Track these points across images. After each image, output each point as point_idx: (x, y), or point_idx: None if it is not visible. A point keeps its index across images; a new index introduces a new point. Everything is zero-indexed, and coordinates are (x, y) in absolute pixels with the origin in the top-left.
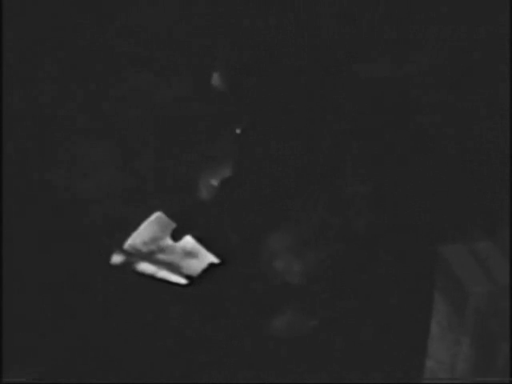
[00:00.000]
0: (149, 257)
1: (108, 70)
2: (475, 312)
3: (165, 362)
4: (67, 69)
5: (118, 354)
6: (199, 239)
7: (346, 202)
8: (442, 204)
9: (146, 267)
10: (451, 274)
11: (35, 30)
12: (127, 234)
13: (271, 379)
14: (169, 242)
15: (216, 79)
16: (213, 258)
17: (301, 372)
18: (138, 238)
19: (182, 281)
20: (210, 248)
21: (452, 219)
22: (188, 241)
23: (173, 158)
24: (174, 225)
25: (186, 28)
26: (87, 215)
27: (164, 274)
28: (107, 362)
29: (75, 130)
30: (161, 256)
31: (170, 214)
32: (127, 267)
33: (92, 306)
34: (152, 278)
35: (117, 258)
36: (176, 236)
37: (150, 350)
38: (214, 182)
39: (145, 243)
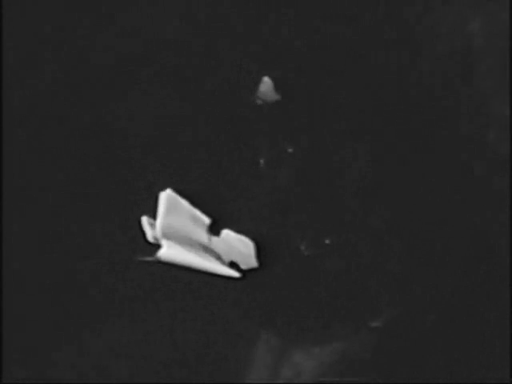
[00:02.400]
0: (192, 246)
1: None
2: None
3: (164, 364)
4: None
5: (118, 354)
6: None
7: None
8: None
9: (192, 258)
10: None
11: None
12: None
13: None
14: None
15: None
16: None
17: None
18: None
19: (235, 274)
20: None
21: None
22: (227, 233)
23: None
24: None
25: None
26: None
27: (214, 265)
28: (107, 362)
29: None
30: (202, 244)
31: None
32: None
33: (92, 305)
34: (197, 271)
35: (165, 250)
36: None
37: (149, 351)
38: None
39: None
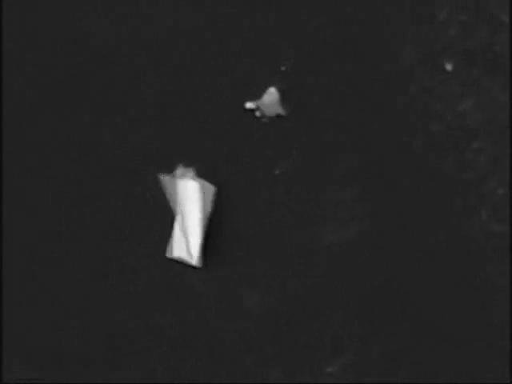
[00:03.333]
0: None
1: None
2: None
3: (165, 364)
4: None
5: (118, 354)
6: None
7: None
8: None
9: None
10: None
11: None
12: None
13: None
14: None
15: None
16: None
17: None
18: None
19: (195, 261)
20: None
21: None
22: None
23: None
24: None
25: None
26: None
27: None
28: (107, 362)
29: None
30: None
31: None
32: None
33: (92, 306)
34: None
35: None
36: None
37: (149, 351)
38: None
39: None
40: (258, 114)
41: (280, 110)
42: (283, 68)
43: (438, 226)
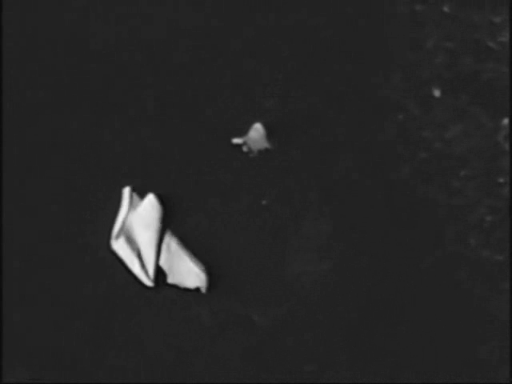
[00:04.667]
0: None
1: None
2: None
3: (164, 363)
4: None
5: (117, 355)
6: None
7: None
8: None
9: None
10: None
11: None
12: None
13: None
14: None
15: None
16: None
17: None
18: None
19: (148, 282)
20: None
21: None
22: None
23: None
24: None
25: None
26: None
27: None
28: (106, 362)
29: None
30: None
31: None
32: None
33: (92, 306)
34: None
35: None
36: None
37: (148, 351)
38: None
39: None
40: (245, 149)
41: (267, 144)
42: (268, 104)
43: (426, 253)
